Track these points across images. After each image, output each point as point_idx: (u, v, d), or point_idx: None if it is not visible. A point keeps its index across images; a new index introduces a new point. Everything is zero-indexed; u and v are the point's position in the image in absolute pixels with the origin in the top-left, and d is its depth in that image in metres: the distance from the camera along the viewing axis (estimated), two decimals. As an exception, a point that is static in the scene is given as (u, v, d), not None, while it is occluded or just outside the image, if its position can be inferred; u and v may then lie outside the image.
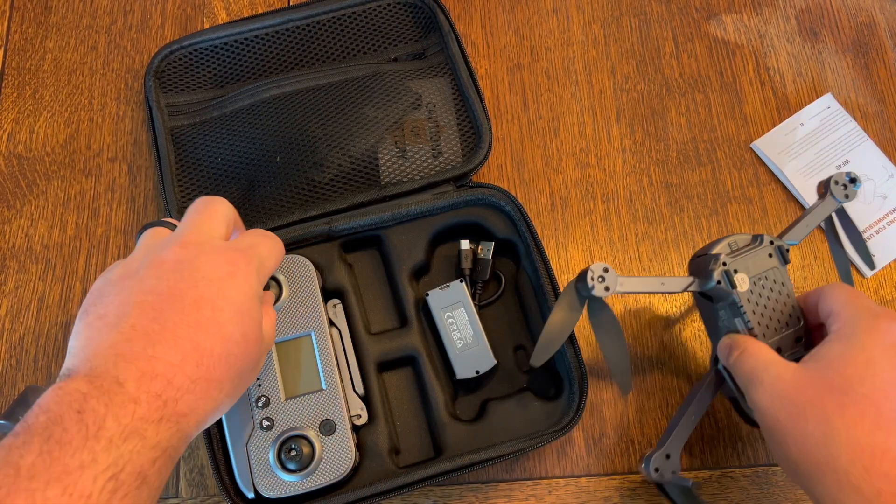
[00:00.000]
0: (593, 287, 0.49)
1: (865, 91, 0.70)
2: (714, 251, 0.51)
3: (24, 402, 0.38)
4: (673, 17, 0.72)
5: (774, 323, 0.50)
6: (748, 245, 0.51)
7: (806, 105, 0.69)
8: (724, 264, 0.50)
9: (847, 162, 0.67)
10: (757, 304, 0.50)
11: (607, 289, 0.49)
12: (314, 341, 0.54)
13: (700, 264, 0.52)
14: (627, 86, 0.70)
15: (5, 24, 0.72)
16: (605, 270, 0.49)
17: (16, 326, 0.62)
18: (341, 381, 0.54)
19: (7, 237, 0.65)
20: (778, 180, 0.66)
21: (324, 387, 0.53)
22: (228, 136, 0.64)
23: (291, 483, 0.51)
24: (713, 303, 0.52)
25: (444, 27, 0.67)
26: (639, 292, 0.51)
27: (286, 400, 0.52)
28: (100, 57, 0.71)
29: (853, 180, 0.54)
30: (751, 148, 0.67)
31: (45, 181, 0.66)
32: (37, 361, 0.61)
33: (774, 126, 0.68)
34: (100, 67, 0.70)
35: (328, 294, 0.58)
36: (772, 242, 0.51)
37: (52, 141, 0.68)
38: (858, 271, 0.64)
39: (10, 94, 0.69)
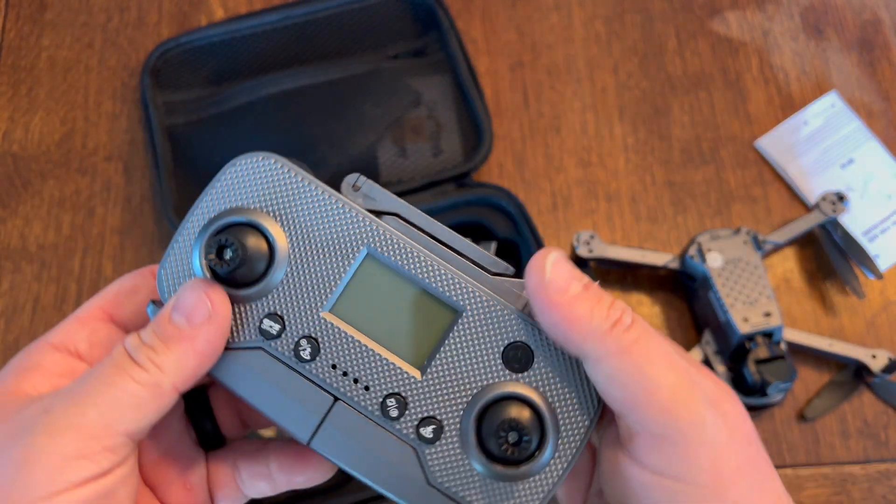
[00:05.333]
0: (578, 248, 0.59)
1: (870, 89, 0.69)
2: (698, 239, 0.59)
3: None
4: (676, 14, 0.71)
5: (744, 297, 0.56)
6: (728, 236, 0.59)
7: (810, 103, 0.68)
8: (700, 243, 0.57)
9: (852, 161, 0.66)
10: (728, 280, 0.56)
11: (591, 251, 0.59)
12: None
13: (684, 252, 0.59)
14: (630, 83, 0.69)
15: (0, 21, 0.71)
16: (591, 237, 0.59)
17: (11, 328, 0.61)
18: None
19: (2, 237, 0.64)
20: (782, 179, 0.66)
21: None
22: (226, 134, 0.63)
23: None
24: (694, 284, 0.58)
25: (444, 24, 0.66)
26: (621, 259, 0.59)
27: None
28: (96, 55, 0.70)
29: (841, 198, 0.62)
30: (754, 146, 0.67)
31: (41, 180, 0.66)
32: (32, 363, 0.60)
33: (778, 124, 0.67)
34: (95, 65, 0.69)
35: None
36: (748, 233, 0.58)
37: (47, 139, 0.67)
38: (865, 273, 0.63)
39: (4, 93, 0.68)
